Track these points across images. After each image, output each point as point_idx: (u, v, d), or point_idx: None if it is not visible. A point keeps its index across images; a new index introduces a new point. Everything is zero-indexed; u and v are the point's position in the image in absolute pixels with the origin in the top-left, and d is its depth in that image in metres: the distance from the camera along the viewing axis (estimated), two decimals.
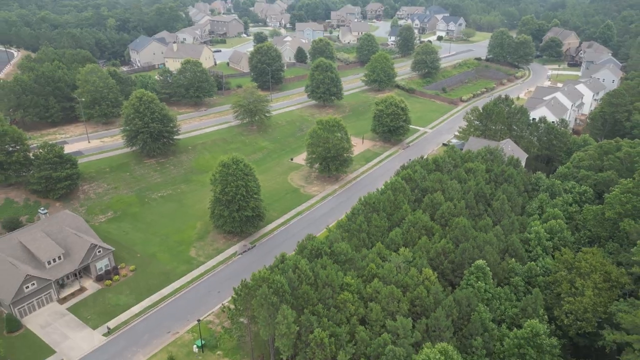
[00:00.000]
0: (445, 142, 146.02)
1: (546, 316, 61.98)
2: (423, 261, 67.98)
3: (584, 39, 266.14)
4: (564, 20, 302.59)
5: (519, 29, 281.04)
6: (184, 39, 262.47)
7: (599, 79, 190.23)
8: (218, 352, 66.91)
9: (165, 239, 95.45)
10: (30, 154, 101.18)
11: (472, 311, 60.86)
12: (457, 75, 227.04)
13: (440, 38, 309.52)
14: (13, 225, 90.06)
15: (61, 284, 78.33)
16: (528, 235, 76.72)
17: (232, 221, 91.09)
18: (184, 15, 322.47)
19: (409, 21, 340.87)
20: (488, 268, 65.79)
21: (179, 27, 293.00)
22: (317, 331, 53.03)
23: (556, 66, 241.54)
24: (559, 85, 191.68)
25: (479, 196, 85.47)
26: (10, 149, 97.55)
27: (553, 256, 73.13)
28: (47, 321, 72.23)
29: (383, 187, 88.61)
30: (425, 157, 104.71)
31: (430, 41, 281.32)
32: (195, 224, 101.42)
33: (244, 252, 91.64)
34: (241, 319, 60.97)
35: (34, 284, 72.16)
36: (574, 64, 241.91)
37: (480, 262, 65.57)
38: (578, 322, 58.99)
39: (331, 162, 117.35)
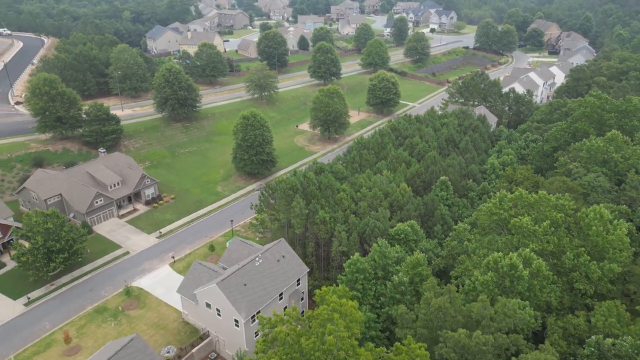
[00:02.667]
0: None
1: None
2: (401, 179, 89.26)
3: (565, 30, 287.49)
4: (548, 13, 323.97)
5: (505, 20, 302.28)
6: (195, 29, 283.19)
7: (572, 63, 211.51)
8: None
9: (196, 179, 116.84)
10: (82, 113, 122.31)
11: (435, 209, 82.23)
12: (446, 61, 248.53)
13: (432, 30, 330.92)
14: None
15: (119, 205, 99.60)
16: (485, 167, 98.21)
17: (250, 163, 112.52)
18: (193, 9, 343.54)
19: (404, 14, 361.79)
20: (450, 182, 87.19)
21: (188, 20, 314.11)
22: (321, 213, 74.23)
23: (537, 54, 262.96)
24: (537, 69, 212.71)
25: (449, 140, 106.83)
26: (67, 106, 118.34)
27: None
28: (111, 228, 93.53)
29: (373, 132, 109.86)
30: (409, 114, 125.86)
31: (423, 33, 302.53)
32: (219, 170, 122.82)
33: (260, 189, 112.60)
34: (264, 214, 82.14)
35: (101, 200, 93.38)
36: (554, 52, 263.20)
37: (443, 177, 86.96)
38: None
39: (331, 124, 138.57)
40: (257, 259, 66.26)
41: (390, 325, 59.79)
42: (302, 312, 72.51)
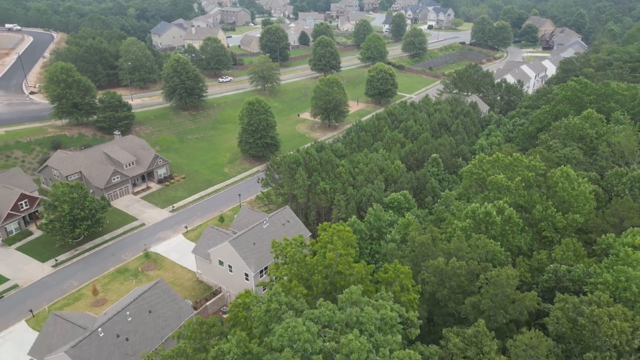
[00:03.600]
0: None
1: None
2: (395, 157, 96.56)
3: (560, 26, 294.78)
4: (543, 10, 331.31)
5: (501, 17, 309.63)
6: (198, 25, 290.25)
7: (564, 57, 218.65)
8: None
9: (204, 162, 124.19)
10: (96, 100, 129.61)
11: (426, 183, 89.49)
12: (442, 56, 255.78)
13: (430, 27, 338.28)
14: None
15: (134, 183, 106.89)
16: (474, 147, 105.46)
17: (255, 146, 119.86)
18: (196, 6, 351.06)
19: (402, 12, 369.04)
20: (440, 160, 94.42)
21: (192, 16, 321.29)
22: (322, 184, 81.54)
23: (532, 49, 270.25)
24: (530, 62, 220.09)
25: (441, 124, 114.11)
26: (83, 93, 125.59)
27: None
28: (127, 203, 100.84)
29: (370, 117, 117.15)
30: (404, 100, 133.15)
31: (420, 29, 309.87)
32: (226, 154, 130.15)
33: (264, 170, 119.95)
34: (269, 190, 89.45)
35: (117, 177, 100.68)
36: (548, 47, 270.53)
37: (434, 155, 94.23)
38: None
39: (331, 112, 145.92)
40: (264, 222, 73.64)
41: None
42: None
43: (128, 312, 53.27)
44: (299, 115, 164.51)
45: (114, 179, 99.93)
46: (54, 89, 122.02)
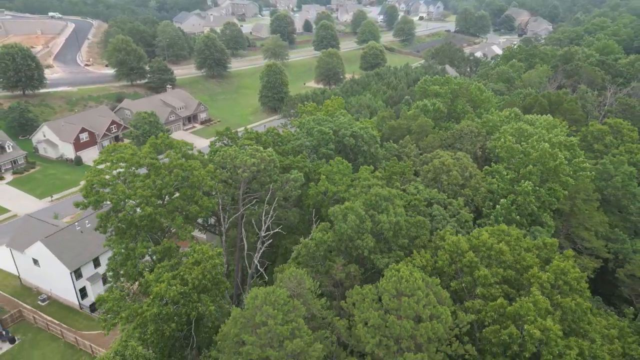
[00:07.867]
0: None
1: None
2: (379, 100, 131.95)
3: (535, 16, 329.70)
4: (522, 2, 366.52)
5: (483, 8, 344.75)
6: (213, 14, 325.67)
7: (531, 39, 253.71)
8: None
9: (233, 113, 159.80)
10: (146, 66, 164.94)
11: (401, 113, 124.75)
12: (429, 41, 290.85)
13: (421, 18, 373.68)
14: None
15: (183, 123, 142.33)
16: None
17: (272, 99, 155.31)
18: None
19: (396, 4, 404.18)
20: (410, 100, 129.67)
21: (206, 8, 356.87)
22: None
23: (508, 36, 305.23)
24: (500, 44, 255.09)
25: (415, 80, 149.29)
26: (138, 60, 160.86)
27: None
28: (180, 136, 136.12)
29: (361, 76, 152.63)
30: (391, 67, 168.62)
31: (411, 18, 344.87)
32: (248, 109, 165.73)
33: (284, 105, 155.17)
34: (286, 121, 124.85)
35: (173, 116, 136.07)
36: (523, 34, 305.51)
37: (407, 97, 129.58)
38: None
39: (331, 78, 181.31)
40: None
41: None
42: None
43: None
44: (304, 84, 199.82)
45: (170, 117, 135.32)
46: (116, 56, 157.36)
